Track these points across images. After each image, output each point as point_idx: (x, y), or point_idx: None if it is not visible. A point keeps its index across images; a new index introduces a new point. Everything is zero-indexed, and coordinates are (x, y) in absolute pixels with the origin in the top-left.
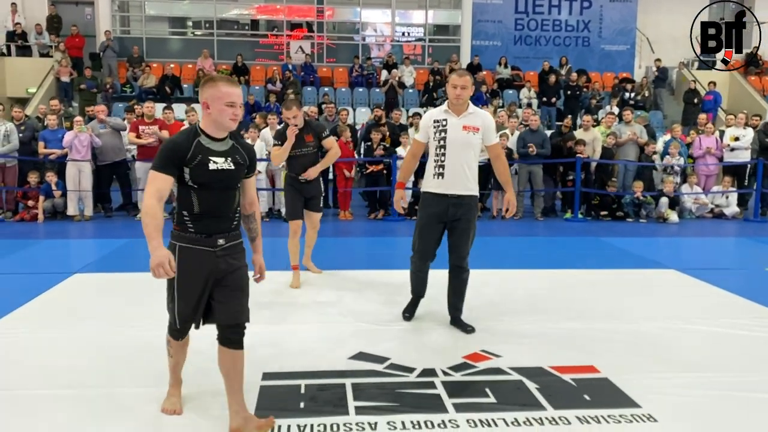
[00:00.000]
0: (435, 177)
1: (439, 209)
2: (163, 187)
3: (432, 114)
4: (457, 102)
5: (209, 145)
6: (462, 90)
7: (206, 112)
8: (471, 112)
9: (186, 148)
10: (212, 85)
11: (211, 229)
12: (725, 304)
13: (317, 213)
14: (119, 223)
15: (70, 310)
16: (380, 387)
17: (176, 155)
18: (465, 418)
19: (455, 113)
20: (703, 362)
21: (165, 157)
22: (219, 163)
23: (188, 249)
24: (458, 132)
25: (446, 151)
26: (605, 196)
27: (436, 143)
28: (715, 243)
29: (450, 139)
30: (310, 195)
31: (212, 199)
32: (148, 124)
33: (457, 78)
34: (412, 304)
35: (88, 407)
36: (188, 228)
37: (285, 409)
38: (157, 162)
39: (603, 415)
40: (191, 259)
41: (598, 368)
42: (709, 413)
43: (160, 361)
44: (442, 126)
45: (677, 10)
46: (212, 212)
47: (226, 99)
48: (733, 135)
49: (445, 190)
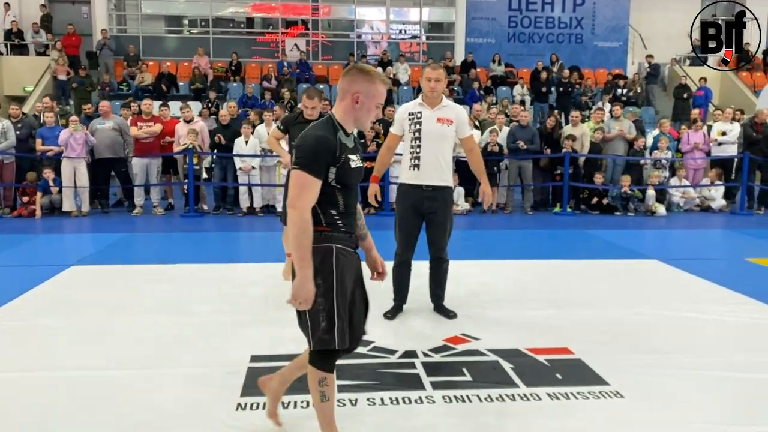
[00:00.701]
0: (411, 168)
1: (416, 200)
2: (315, 196)
3: (407, 107)
4: (431, 95)
5: (345, 142)
6: (436, 83)
7: (353, 105)
8: (445, 105)
9: (335, 146)
10: (370, 80)
11: (352, 229)
12: (702, 292)
13: None
14: (116, 218)
15: (66, 300)
16: (362, 367)
17: (329, 154)
18: (441, 395)
19: (429, 106)
20: (672, 345)
21: (320, 159)
22: (355, 161)
23: (344, 251)
24: (433, 124)
25: (421, 143)
26: (594, 190)
27: (412, 135)
28: (699, 235)
29: (425, 132)
30: None
31: (351, 197)
32: (146, 121)
33: (431, 71)
34: (395, 309)
35: (84, 389)
36: (340, 228)
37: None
38: (310, 164)
39: (572, 392)
40: (348, 263)
41: (572, 350)
42: (672, 391)
43: (152, 345)
44: (416, 118)
45: (670, 7)
46: (352, 211)
47: (379, 99)
48: (721, 130)
49: (421, 181)
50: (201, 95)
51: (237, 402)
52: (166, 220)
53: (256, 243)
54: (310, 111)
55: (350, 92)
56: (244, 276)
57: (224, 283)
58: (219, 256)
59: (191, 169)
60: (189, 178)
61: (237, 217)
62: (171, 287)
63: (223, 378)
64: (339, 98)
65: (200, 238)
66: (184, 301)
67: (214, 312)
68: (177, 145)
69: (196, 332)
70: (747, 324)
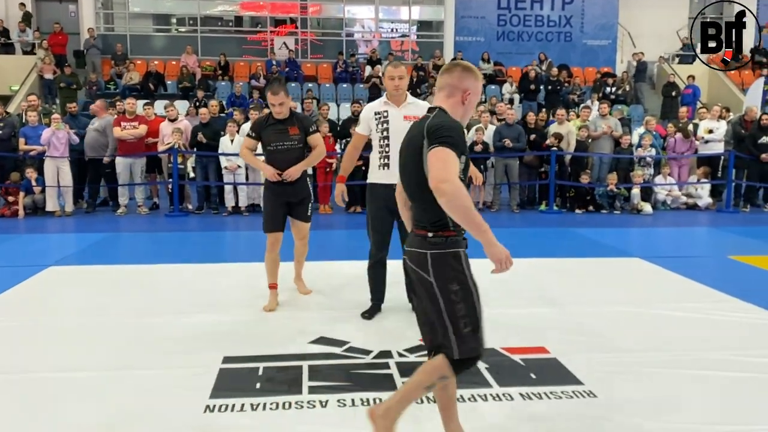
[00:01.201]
0: (380, 168)
1: (387, 199)
2: (458, 172)
3: (372, 106)
4: (396, 92)
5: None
6: (400, 80)
7: (462, 102)
8: (410, 102)
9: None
10: (476, 78)
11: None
12: (682, 289)
13: (303, 222)
14: (99, 218)
15: (39, 301)
16: (336, 368)
17: (463, 142)
18: None
19: (395, 104)
20: (648, 343)
21: (461, 141)
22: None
23: (466, 254)
24: (400, 122)
25: (389, 141)
26: (580, 188)
27: (379, 134)
28: (683, 233)
29: (393, 130)
30: (297, 199)
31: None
32: (129, 120)
33: (393, 69)
34: (372, 309)
35: (47, 391)
36: (461, 230)
37: (240, 390)
38: (456, 142)
39: (546, 391)
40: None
41: (548, 349)
42: (646, 389)
43: (120, 346)
44: (383, 117)
45: (658, 5)
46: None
47: (479, 97)
48: (707, 128)
49: (392, 180)
50: (189, 94)
51: (205, 404)
52: (150, 219)
53: (239, 243)
54: (279, 108)
55: (461, 89)
56: (224, 276)
57: (203, 283)
58: (200, 256)
59: (176, 168)
60: (174, 178)
61: (222, 217)
62: (148, 288)
63: (193, 379)
64: (445, 94)
65: (182, 237)
66: (160, 301)
67: (190, 312)
68: (161, 144)
69: (170, 333)
70: (725, 322)
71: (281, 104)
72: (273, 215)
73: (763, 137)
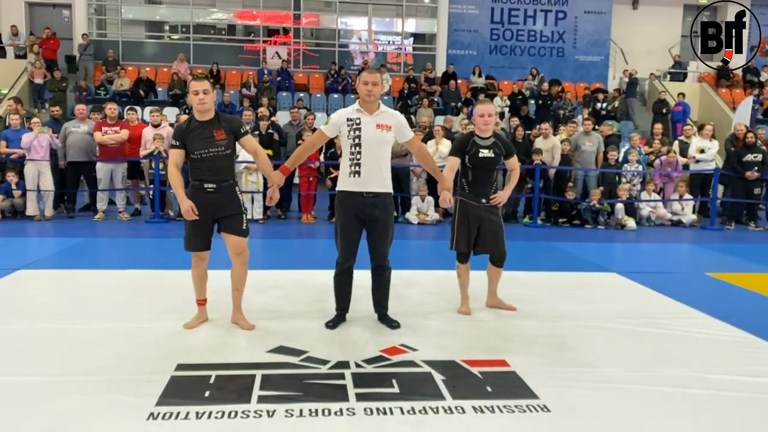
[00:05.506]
0: (351, 175)
1: (357, 207)
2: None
3: (344, 112)
4: (368, 99)
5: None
6: (373, 86)
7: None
8: (383, 111)
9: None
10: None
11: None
12: (653, 304)
13: (238, 236)
14: (79, 222)
15: (3, 304)
16: (289, 378)
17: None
18: (363, 407)
19: (368, 112)
20: (609, 358)
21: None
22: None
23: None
24: (372, 130)
25: (362, 149)
26: (564, 203)
27: (351, 141)
28: (664, 249)
29: (365, 138)
30: (223, 214)
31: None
32: (110, 125)
33: (368, 75)
34: (337, 318)
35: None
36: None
37: (188, 397)
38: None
39: (499, 405)
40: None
41: (508, 362)
42: (600, 405)
43: (72, 351)
44: (355, 124)
45: (651, 23)
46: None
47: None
48: (699, 147)
49: (362, 188)
50: (179, 101)
51: (150, 411)
52: (130, 225)
53: (215, 249)
54: (200, 97)
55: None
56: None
57: (169, 289)
58: (174, 263)
59: (157, 174)
60: (155, 184)
61: None
62: (114, 293)
63: (142, 386)
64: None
65: (159, 243)
66: (123, 307)
67: (151, 318)
68: (143, 149)
69: (127, 339)
70: (692, 338)
71: (205, 92)
72: (195, 233)
73: (748, 155)
